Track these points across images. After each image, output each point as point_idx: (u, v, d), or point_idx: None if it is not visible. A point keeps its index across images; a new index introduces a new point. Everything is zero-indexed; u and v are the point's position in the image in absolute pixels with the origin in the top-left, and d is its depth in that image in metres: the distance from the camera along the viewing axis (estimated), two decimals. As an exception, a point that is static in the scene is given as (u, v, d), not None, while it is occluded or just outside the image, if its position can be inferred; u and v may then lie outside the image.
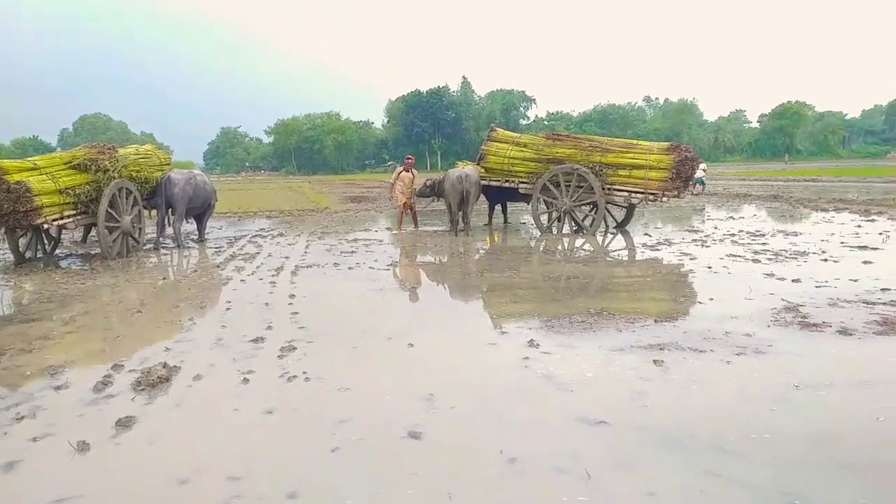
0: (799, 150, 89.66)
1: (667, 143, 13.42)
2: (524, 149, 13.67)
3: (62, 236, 12.32)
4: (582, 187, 12.79)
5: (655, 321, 5.77)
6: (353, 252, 10.96)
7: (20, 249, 10.53)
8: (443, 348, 5.27)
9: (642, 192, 12.63)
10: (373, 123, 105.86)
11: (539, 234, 13.15)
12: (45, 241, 11.32)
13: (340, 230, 14.93)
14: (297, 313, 6.47)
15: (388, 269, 9.23)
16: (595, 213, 13.02)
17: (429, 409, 3.88)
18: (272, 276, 8.75)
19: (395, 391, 4.21)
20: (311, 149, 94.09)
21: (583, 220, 13.26)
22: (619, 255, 10.66)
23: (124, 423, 3.73)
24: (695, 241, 11.29)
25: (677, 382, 4.24)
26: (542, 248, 11.37)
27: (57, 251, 11.80)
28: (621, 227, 13.98)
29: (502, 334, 5.54)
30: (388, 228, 15.18)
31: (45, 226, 9.99)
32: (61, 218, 10.16)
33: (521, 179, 13.57)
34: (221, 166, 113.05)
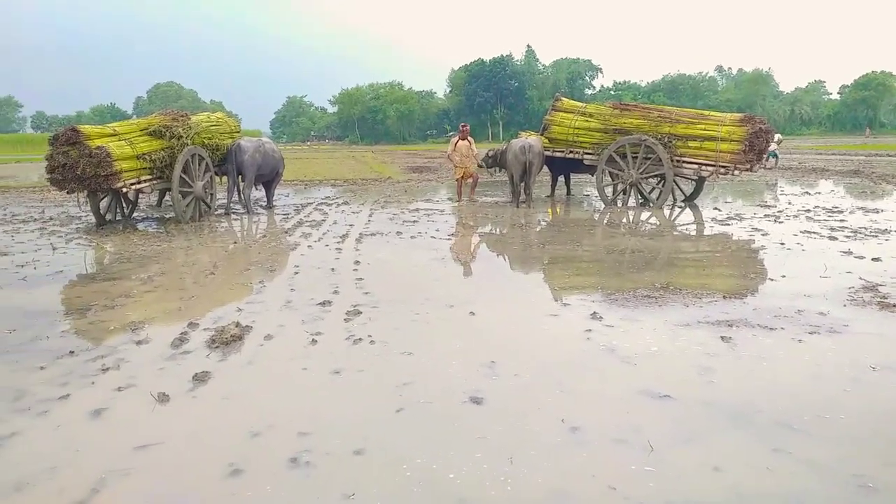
0: (883, 124, 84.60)
1: (740, 115, 12.88)
2: (590, 119, 13.37)
3: (139, 200, 12.86)
4: (650, 159, 12.44)
5: (724, 297, 5.62)
6: (415, 221, 11.06)
7: (101, 212, 11.06)
8: (504, 317, 5.28)
9: (713, 165, 12.21)
10: (435, 93, 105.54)
11: (603, 206, 12.92)
12: (124, 205, 11.84)
13: (403, 200, 15.04)
14: (361, 279, 6.60)
15: (450, 239, 9.28)
16: (663, 185, 12.67)
17: (490, 375, 3.92)
18: (338, 242, 8.93)
19: (456, 357, 4.27)
20: (374, 118, 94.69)
21: (650, 193, 12.94)
22: (686, 229, 10.39)
23: (200, 378, 3.93)
24: (767, 216, 10.88)
25: (746, 359, 4.14)
26: (606, 221, 11.18)
27: (134, 214, 12.33)
28: (690, 200, 13.59)
29: (564, 306, 5.52)
30: (449, 199, 15.20)
31: (124, 189, 10.44)
32: (138, 182, 10.60)
33: (585, 150, 13.30)
34: (287, 135, 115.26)
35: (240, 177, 12.66)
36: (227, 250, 8.64)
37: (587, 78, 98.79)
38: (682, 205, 13.20)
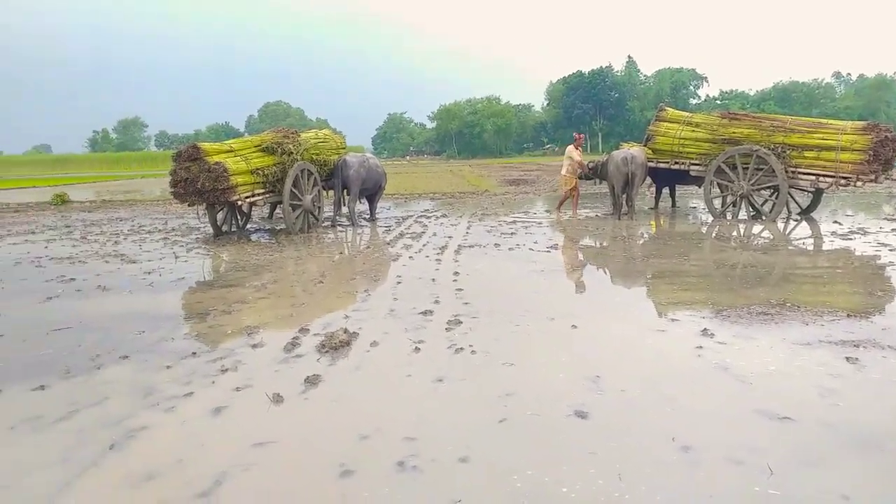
0: None
1: (862, 123, 12.00)
2: (696, 129, 12.91)
3: (252, 212, 13.59)
4: (762, 170, 11.84)
5: (848, 316, 5.24)
6: (512, 233, 11.05)
7: (218, 223, 11.78)
8: (607, 332, 5.18)
9: (832, 176, 11.46)
10: (532, 107, 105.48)
11: (711, 219, 12.41)
12: (238, 217, 12.56)
13: (500, 212, 15.07)
14: (461, 290, 6.67)
15: (549, 252, 9.18)
16: (776, 197, 12.01)
17: (595, 390, 3.85)
18: (437, 254, 9.06)
19: (559, 370, 4.21)
20: (471, 133, 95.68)
21: (762, 205, 12.30)
22: (803, 243, 9.79)
23: (312, 381, 4.09)
24: (895, 230, 10.07)
25: (875, 382, 3.84)
26: (714, 235, 10.73)
27: (248, 226, 13.03)
28: (806, 213, 12.81)
29: (672, 321, 5.33)
30: (546, 211, 15.08)
31: (239, 202, 11.06)
32: (252, 196, 11.21)
33: (692, 161, 12.85)
34: (388, 151, 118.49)
35: (345, 190, 13.13)
36: (334, 260, 8.97)
37: (691, 87, 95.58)
38: (798, 218, 12.46)
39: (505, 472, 2.88)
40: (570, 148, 13.86)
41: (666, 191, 15.15)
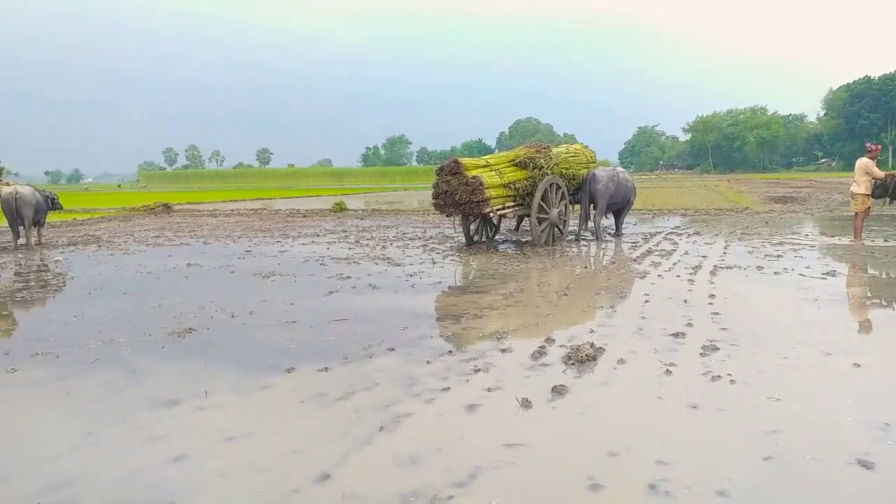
0: None
1: None
2: None
3: (501, 224, 14.13)
4: None
5: None
6: (778, 256, 10.02)
7: (470, 233, 12.46)
8: (900, 375, 4.45)
9: None
10: (805, 117, 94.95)
11: None
12: (489, 228, 13.16)
13: (763, 232, 13.76)
14: (717, 314, 6.23)
15: (824, 278, 8.15)
16: None
17: (883, 439, 3.34)
18: (689, 274, 8.57)
19: (836, 411, 3.74)
20: (730, 146, 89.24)
21: None
22: None
23: (558, 391, 4.14)
24: None
25: None
26: None
27: (496, 236, 13.59)
28: None
29: None
30: (822, 234, 13.41)
31: (491, 214, 11.59)
32: (503, 208, 11.66)
33: None
34: (635, 165, 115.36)
35: (592, 205, 13.04)
36: (577, 274, 8.96)
37: None
38: None
39: (773, 513, 2.64)
40: (867, 161, 11.73)
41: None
